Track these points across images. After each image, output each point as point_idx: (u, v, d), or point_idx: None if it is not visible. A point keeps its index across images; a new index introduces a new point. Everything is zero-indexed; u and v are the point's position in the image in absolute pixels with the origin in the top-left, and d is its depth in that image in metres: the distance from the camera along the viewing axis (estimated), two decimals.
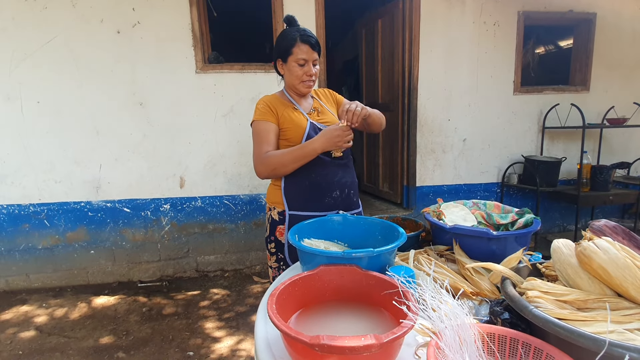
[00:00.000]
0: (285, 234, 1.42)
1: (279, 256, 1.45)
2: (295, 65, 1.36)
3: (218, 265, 3.32)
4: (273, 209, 1.46)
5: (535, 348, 0.61)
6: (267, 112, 1.38)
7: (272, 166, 1.32)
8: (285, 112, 1.39)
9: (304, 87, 1.41)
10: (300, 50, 1.33)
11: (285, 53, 1.36)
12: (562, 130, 3.62)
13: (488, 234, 1.02)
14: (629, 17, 3.62)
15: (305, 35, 1.34)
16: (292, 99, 1.46)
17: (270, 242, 1.47)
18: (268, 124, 1.37)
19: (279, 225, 1.43)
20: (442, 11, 3.31)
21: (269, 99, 1.43)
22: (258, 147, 1.36)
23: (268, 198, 1.50)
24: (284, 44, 1.36)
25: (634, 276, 0.63)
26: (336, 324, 0.80)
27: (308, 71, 1.37)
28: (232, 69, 3.05)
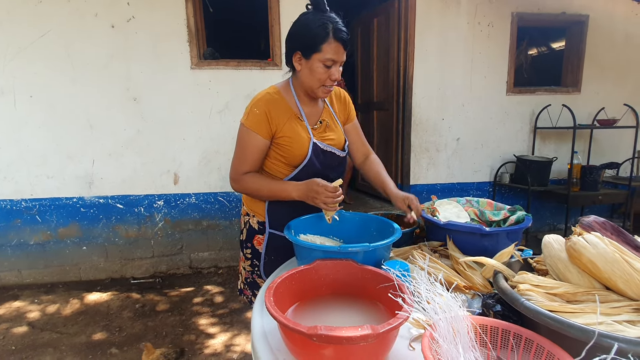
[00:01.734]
0: (262, 244, 1.29)
1: (254, 262, 1.35)
2: (320, 66, 1.09)
3: (212, 262, 3.32)
4: (252, 217, 1.31)
5: (527, 339, 0.63)
6: (261, 123, 1.14)
7: (247, 191, 1.20)
8: (287, 124, 1.16)
9: (322, 92, 1.16)
10: (331, 48, 1.06)
11: (311, 48, 1.08)
12: (553, 130, 3.67)
13: (481, 230, 1.04)
14: (621, 20, 3.68)
15: (340, 30, 1.07)
16: (298, 102, 1.20)
17: (246, 247, 1.35)
18: (257, 139, 1.15)
19: (257, 234, 1.31)
20: (437, 11, 3.33)
21: (270, 102, 1.16)
22: (238, 160, 1.19)
23: (246, 203, 1.34)
24: (310, 35, 1.07)
25: (622, 270, 0.65)
26: (332, 316, 0.81)
27: (333, 75, 1.11)
28: (227, 65, 3.04)
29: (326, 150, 1.21)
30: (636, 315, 0.61)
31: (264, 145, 1.18)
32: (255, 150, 1.17)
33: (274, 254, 1.29)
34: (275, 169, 1.23)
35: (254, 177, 1.19)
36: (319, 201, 1.06)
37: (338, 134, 1.28)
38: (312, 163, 1.18)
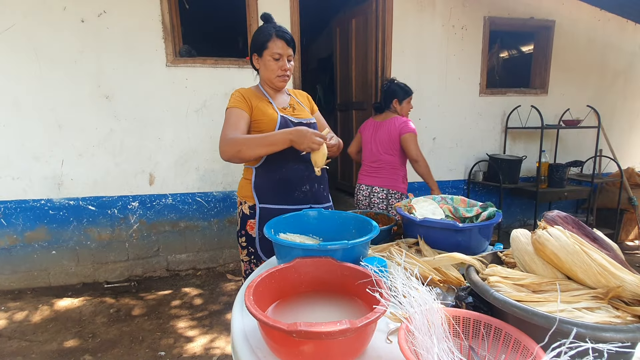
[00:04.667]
0: (255, 227, 1.44)
1: (249, 250, 1.48)
2: (270, 60, 1.40)
3: (190, 264, 3.26)
4: (244, 203, 1.48)
5: (496, 328, 0.66)
6: (241, 101, 1.41)
7: (238, 147, 1.27)
8: (260, 104, 1.42)
9: (279, 81, 1.45)
10: (275, 45, 1.38)
11: (261, 47, 1.40)
12: (523, 130, 3.84)
13: (455, 226, 1.09)
14: (584, 26, 3.90)
15: (280, 31, 1.40)
16: (266, 94, 1.49)
17: (241, 235, 1.49)
18: (241, 112, 1.39)
19: (249, 219, 1.46)
20: (413, 14, 3.41)
21: (244, 90, 1.46)
22: (227, 130, 1.35)
23: (239, 192, 1.52)
24: (260, 38, 1.41)
25: (582, 261, 0.70)
26: (312, 313, 0.82)
27: (283, 65, 1.41)
28: (204, 63, 2.99)
29: (295, 122, 1.45)
30: (594, 303, 0.66)
31: (247, 116, 1.39)
32: (241, 118, 1.37)
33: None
34: None
35: (244, 135, 1.34)
36: (307, 144, 1.22)
37: (305, 113, 1.54)
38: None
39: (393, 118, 2.42)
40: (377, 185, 2.43)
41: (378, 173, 2.45)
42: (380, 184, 2.43)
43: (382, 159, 2.43)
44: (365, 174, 2.52)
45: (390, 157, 2.41)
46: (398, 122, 2.39)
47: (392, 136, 2.38)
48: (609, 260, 0.69)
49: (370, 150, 2.49)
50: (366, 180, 2.49)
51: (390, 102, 2.48)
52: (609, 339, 0.56)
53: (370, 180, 2.47)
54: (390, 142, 2.40)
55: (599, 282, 0.67)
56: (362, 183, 2.52)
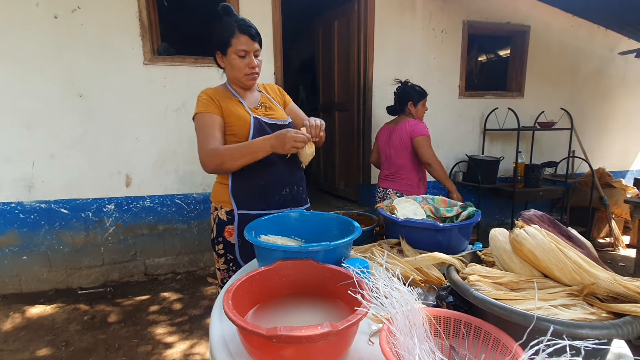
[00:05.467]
0: (234, 234, 1.35)
1: (228, 257, 1.38)
2: (235, 58, 1.29)
3: (169, 268, 3.17)
4: (220, 209, 1.38)
5: (476, 327, 0.67)
6: (210, 104, 1.31)
7: (221, 160, 1.23)
8: (230, 105, 1.32)
9: (247, 80, 1.34)
10: (239, 41, 1.26)
11: (224, 45, 1.28)
12: (500, 132, 3.94)
13: (435, 225, 1.10)
14: (557, 31, 4.04)
15: (244, 25, 1.26)
16: (235, 93, 1.38)
17: (217, 243, 1.39)
18: (212, 117, 1.29)
19: (227, 225, 1.36)
20: (394, 17, 3.45)
21: (211, 91, 1.35)
22: (204, 140, 1.27)
23: (214, 197, 1.42)
24: (222, 35, 1.28)
25: (557, 259, 0.71)
26: (294, 316, 0.80)
27: (250, 63, 1.30)
28: (184, 62, 2.92)
29: (269, 123, 1.37)
30: (569, 300, 0.67)
31: (220, 120, 1.30)
32: (216, 125, 1.29)
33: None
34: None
35: (224, 146, 1.26)
36: (290, 146, 1.15)
37: (279, 112, 1.44)
38: (259, 133, 1.30)
39: (405, 122, 2.43)
40: (392, 189, 2.47)
41: (394, 177, 2.49)
42: (395, 187, 2.47)
43: (397, 163, 2.46)
44: (382, 177, 2.58)
45: (403, 160, 2.43)
46: (409, 125, 2.40)
47: (404, 140, 2.40)
48: (584, 258, 0.70)
49: (385, 156, 2.53)
50: (383, 183, 2.55)
51: (404, 104, 2.49)
52: (585, 335, 0.57)
53: (387, 184, 2.51)
54: (402, 145, 2.41)
55: (574, 280, 0.69)
56: (379, 185, 2.58)
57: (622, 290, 0.64)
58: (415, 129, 2.37)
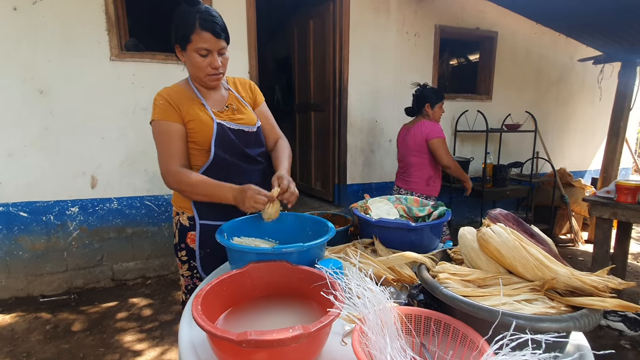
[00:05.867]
0: (196, 242, 1.27)
1: (191, 264, 1.31)
2: (196, 56, 1.13)
3: (138, 273, 3.05)
4: (182, 214, 1.29)
5: (445, 324, 0.68)
6: (168, 110, 1.16)
7: (181, 188, 1.17)
8: (192, 109, 1.18)
9: (209, 81, 1.19)
10: (200, 38, 1.09)
11: (184, 40, 1.12)
12: (470, 133, 4.08)
13: (408, 225, 1.12)
14: (523, 38, 4.24)
15: (207, 19, 1.09)
16: (198, 93, 1.23)
17: (180, 249, 1.31)
18: (171, 126, 1.16)
19: (189, 231, 1.28)
20: (369, 18, 3.49)
21: (170, 92, 1.19)
22: (165, 155, 1.16)
23: (175, 201, 1.32)
24: (181, 29, 1.12)
25: (521, 255, 0.74)
26: (266, 319, 0.79)
27: (212, 63, 1.14)
28: (154, 58, 2.82)
29: (235, 129, 1.23)
30: (532, 295, 0.70)
31: (182, 129, 1.18)
32: (176, 137, 1.17)
33: (209, 246, 1.26)
34: (193, 159, 1.23)
35: (188, 173, 1.16)
36: (249, 205, 1.05)
37: (248, 115, 1.30)
38: (223, 141, 1.19)
39: (421, 123, 2.52)
40: (403, 188, 2.60)
41: (405, 176, 2.62)
42: (405, 186, 2.61)
43: (408, 161, 2.58)
44: (397, 176, 2.75)
45: (414, 159, 2.54)
46: (425, 127, 2.48)
47: (418, 140, 2.49)
48: (545, 254, 0.74)
49: (401, 154, 2.65)
50: (397, 182, 2.71)
51: (422, 106, 2.57)
52: (546, 329, 0.60)
53: (399, 182, 2.67)
54: (415, 145, 2.51)
55: (536, 275, 0.72)
56: (395, 183, 2.74)
57: (579, 285, 0.67)
58: (431, 132, 2.45)
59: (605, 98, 4.62)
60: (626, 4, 2.48)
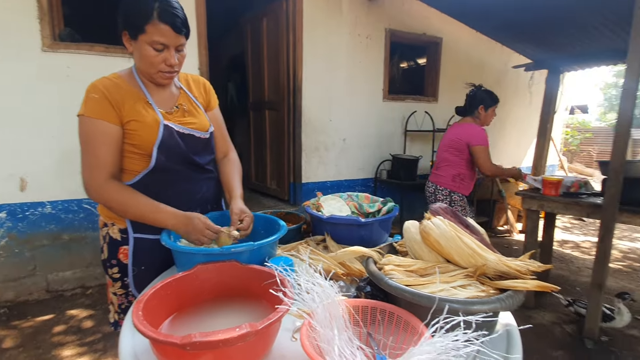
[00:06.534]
0: (130, 258, 1.11)
1: (125, 281, 1.14)
2: (149, 49, 0.96)
3: (77, 282, 2.82)
4: (111, 225, 1.11)
5: (390, 312, 0.72)
6: (104, 106, 0.97)
7: (110, 205, 1.01)
8: (134, 108, 1.01)
9: (161, 78, 1.04)
10: (157, 30, 0.94)
11: (135, 28, 0.95)
12: (419, 133, 4.30)
13: (357, 221, 1.15)
14: (465, 44, 4.54)
15: (167, 11, 0.94)
16: (144, 88, 1.06)
17: (111, 266, 1.13)
18: (105, 127, 0.97)
19: (122, 245, 1.11)
20: (322, 19, 3.53)
21: (109, 85, 1.00)
22: (89, 163, 0.97)
23: (102, 211, 1.14)
24: (132, 13, 0.95)
25: (457, 245, 0.80)
26: (215, 321, 0.78)
27: (168, 59, 0.99)
28: (92, 50, 2.61)
29: (184, 133, 1.08)
30: (466, 280, 0.76)
31: (117, 133, 0.99)
32: (108, 140, 0.98)
33: (144, 263, 1.11)
34: (130, 163, 1.05)
35: (119, 188, 0.99)
36: (195, 238, 0.97)
37: (200, 119, 1.15)
38: (168, 146, 1.03)
39: (467, 124, 2.53)
40: (432, 181, 2.70)
41: (436, 170, 2.69)
42: (435, 180, 2.67)
43: (442, 157, 2.62)
44: (432, 172, 2.78)
45: (448, 155, 2.57)
46: (470, 130, 2.49)
47: (458, 139, 2.51)
48: (477, 243, 0.80)
49: (439, 150, 2.69)
50: (430, 177, 2.76)
51: (476, 107, 2.57)
52: (477, 311, 0.65)
53: (432, 177, 2.72)
54: (454, 143, 2.53)
55: (469, 263, 0.78)
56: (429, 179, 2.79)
57: (506, 269, 0.75)
58: (475, 137, 2.46)
59: (535, 102, 5.12)
60: (552, 16, 2.77)
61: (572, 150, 11.98)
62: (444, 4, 3.35)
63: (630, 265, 3.54)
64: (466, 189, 2.62)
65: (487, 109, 2.56)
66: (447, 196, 2.61)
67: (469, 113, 2.62)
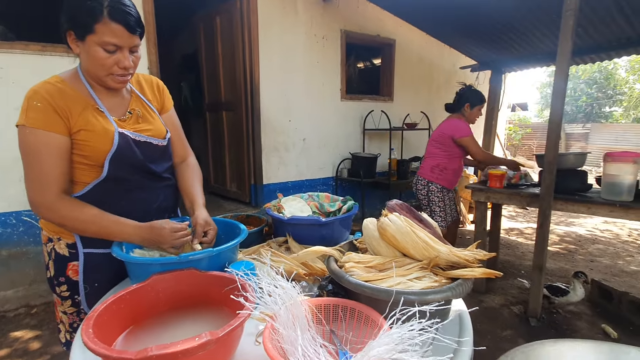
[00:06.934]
0: (80, 275, 1.02)
1: (75, 299, 1.05)
2: (99, 50, 0.88)
3: (20, 301, 2.57)
4: (57, 240, 1.02)
5: (351, 308, 0.74)
6: (49, 115, 0.88)
7: (64, 223, 0.92)
8: (83, 116, 0.92)
9: (113, 82, 0.95)
10: (109, 30, 0.85)
11: (83, 28, 0.86)
12: (376, 131, 4.43)
13: (318, 221, 1.17)
14: (416, 46, 4.74)
15: (118, 9, 0.86)
16: (92, 91, 0.96)
17: (59, 284, 1.04)
18: (51, 138, 0.88)
19: (70, 261, 1.02)
20: (278, 19, 3.51)
21: (53, 90, 0.90)
22: (40, 178, 0.88)
23: (46, 224, 1.04)
24: (79, 12, 0.86)
25: (412, 239, 0.84)
26: (174, 332, 0.75)
27: (121, 62, 0.90)
28: (27, 49, 2.39)
29: (140, 141, 1.01)
30: (421, 272, 0.81)
31: (65, 144, 0.90)
32: (56, 153, 0.89)
33: (97, 279, 1.03)
34: (78, 174, 0.96)
35: (74, 204, 0.91)
36: (168, 246, 0.92)
37: (156, 125, 1.08)
38: (123, 156, 0.96)
39: (451, 120, 2.67)
40: (417, 173, 2.86)
41: (423, 162, 2.83)
42: (418, 172, 2.84)
43: (427, 149, 2.79)
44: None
45: (431, 148, 2.74)
46: (452, 124, 2.63)
47: (441, 133, 2.67)
48: (430, 236, 0.85)
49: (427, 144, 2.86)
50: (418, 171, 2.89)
51: (462, 105, 2.68)
52: (431, 300, 0.69)
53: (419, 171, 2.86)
54: (438, 136, 2.70)
55: (423, 255, 0.83)
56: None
57: (456, 259, 0.80)
58: (458, 130, 2.60)
59: None
60: (493, 21, 2.98)
61: (515, 144, 12.98)
62: (396, 7, 3.48)
63: (567, 248, 3.91)
64: (446, 180, 2.74)
65: (472, 108, 2.72)
66: (425, 186, 2.77)
67: (456, 110, 2.80)
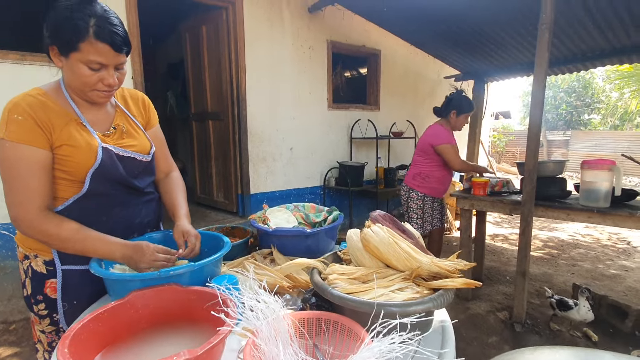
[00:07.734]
0: (59, 292, 1.00)
1: (54, 318, 1.03)
2: (83, 68, 0.86)
3: None
4: (34, 257, 1.00)
5: (334, 322, 0.74)
6: (31, 129, 0.86)
7: (46, 240, 0.90)
8: (66, 130, 0.90)
9: (96, 97, 0.93)
10: (94, 50, 0.84)
11: (67, 45, 0.84)
12: (363, 140, 4.47)
13: (303, 232, 1.17)
14: (401, 56, 4.84)
15: (105, 28, 0.84)
16: (75, 106, 0.94)
17: (36, 302, 1.02)
18: (33, 153, 0.86)
19: (48, 279, 1.00)
20: (264, 30, 3.54)
21: (34, 104, 0.87)
22: (22, 194, 0.86)
23: (23, 240, 1.02)
24: (64, 30, 0.83)
25: (394, 250, 0.85)
26: (154, 351, 0.74)
27: (105, 79, 0.89)
28: (5, 58, 2.35)
29: (124, 156, 0.99)
30: (404, 283, 0.81)
31: (46, 159, 0.88)
32: (37, 168, 0.87)
33: (76, 297, 1.01)
34: (58, 189, 0.94)
35: (57, 221, 0.89)
36: (144, 264, 0.90)
37: (140, 140, 1.07)
38: (105, 171, 0.95)
39: (432, 126, 2.67)
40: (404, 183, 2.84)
41: (408, 170, 2.84)
42: (404, 179, 2.83)
43: (412, 158, 2.82)
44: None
45: (415, 156, 2.76)
46: (432, 131, 2.63)
47: (423, 140, 2.68)
48: (412, 247, 0.86)
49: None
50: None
51: (449, 111, 2.64)
52: (413, 311, 0.70)
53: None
54: (421, 144, 2.71)
55: (406, 266, 0.83)
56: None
57: (437, 270, 0.81)
58: (436, 138, 2.58)
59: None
60: (474, 33, 3.07)
61: (499, 151, 13.29)
62: (380, 19, 3.55)
63: (549, 253, 4.00)
64: (428, 188, 2.70)
65: (458, 115, 2.65)
66: (406, 192, 2.80)
67: (443, 115, 2.75)
